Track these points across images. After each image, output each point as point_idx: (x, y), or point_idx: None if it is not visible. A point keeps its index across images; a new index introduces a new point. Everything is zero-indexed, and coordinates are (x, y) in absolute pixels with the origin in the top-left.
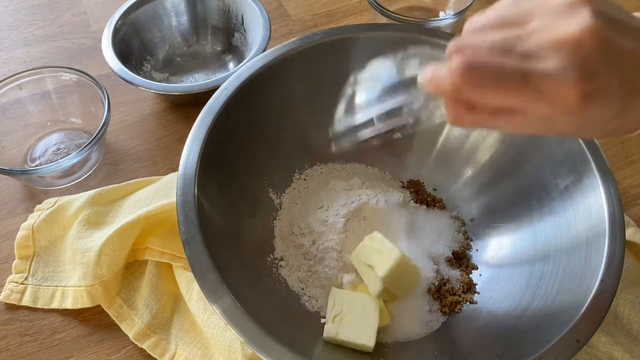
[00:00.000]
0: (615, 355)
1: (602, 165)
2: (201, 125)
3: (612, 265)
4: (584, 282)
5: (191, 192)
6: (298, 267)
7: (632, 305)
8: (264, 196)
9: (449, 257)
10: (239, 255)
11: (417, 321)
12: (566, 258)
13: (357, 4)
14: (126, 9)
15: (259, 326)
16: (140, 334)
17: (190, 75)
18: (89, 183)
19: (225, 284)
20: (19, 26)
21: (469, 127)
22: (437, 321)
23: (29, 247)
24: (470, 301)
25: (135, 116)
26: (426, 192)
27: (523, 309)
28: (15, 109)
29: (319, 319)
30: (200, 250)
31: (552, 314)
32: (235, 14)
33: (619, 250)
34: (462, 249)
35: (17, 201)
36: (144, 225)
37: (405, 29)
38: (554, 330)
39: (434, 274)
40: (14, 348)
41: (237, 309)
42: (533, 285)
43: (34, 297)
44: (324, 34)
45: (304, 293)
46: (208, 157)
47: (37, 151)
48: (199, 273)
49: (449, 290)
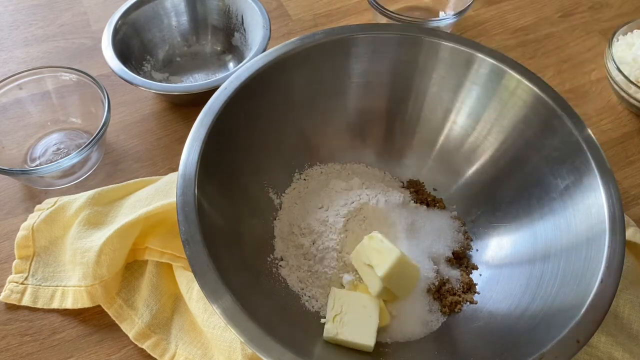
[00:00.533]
0: (615, 355)
1: (602, 165)
2: (201, 125)
3: (612, 265)
4: (584, 282)
5: (191, 192)
6: (298, 267)
7: (632, 305)
8: (264, 196)
9: (449, 257)
10: (239, 255)
11: (417, 321)
12: (566, 258)
13: (357, 4)
14: (126, 9)
15: (259, 326)
16: (140, 334)
17: (190, 75)
18: (89, 183)
19: (225, 284)
20: (19, 26)
21: None
22: (437, 321)
23: (29, 247)
24: (470, 301)
25: (135, 116)
26: (426, 192)
27: (523, 309)
28: (15, 109)
29: (319, 319)
30: (200, 250)
31: (552, 314)
32: (235, 14)
33: (619, 250)
34: (462, 249)
35: (17, 201)
36: (144, 225)
37: (405, 29)
38: (554, 330)
39: (434, 274)
40: (14, 348)
41: (237, 309)
42: (533, 285)
43: (34, 297)
44: (324, 34)
45: (304, 293)
46: (208, 157)
47: (37, 151)
48: (199, 273)
49: (449, 290)
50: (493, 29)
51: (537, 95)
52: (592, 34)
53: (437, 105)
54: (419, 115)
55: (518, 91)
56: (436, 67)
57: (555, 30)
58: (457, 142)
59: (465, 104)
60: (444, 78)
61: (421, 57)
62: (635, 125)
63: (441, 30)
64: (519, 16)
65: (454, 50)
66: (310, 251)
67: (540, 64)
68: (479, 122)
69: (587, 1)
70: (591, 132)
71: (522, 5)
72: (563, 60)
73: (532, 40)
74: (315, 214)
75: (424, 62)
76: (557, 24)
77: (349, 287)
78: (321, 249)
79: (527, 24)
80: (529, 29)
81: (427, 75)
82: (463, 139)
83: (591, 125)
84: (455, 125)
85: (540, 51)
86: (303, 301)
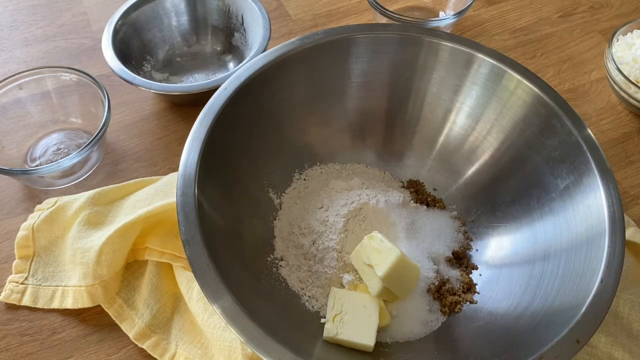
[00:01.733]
0: (615, 355)
1: (602, 165)
2: (201, 125)
3: (612, 265)
4: (584, 281)
5: (191, 192)
6: (298, 267)
7: (632, 305)
8: (264, 196)
9: (449, 257)
10: (239, 255)
11: (417, 321)
12: (566, 258)
13: (357, 4)
14: (126, 9)
15: (259, 326)
16: (140, 334)
17: (190, 75)
18: (89, 183)
19: (225, 284)
20: (19, 26)
21: None
22: (437, 321)
23: (29, 247)
24: (470, 301)
25: (135, 116)
26: (426, 192)
27: (523, 309)
28: (15, 109)
29: (319, 319)
30: (200, 251)
31: (552, 313)
32: (235, 14)
33: (619, 250)
34: (462, 249)
35: (17, 201)
36: (144, 225)
37: (405, 29)
38: (554, 330)
39: (434, 274)
40: (14, 348)
41: (237, 309)
42: (533, 285)
43: (34, 297)
44: (324, 34)
45: (304, 293)
46: (208, 157)
47: (37, 151)
48: (199, 273)
49: (449, 290)
50: (493, 29)
51: (537, 95)
52: (592, 34)
53: (437, 105)
54: (419, 115)
55: (518, 91)
56: (436, 67)
57: (555, 30)
58: (457, 142)
59: (465, 104)
60: (443, 78)
61: (421, 57)
62: (635, 125)
63: (441, 30)
64: (519, 16)
65: (453, 50)
66: (310, 251)
67: (540, 64)
68: (479, 122)
69: (587, 1)
70: (591, 132)
71: (522, 5)
72: (563, 60)
73: (532, 40)
74: (315, 214)
75: (424, 62)
76: (557, 24)
77: (348, 287)
78: (321, 249)
79: (527, 24)
80: (528, 29)
81: (427, 75)
82: (463, 139)
83: (591, 125)
84: (455, 125)
85: (540, 51)
86: (303, 301)
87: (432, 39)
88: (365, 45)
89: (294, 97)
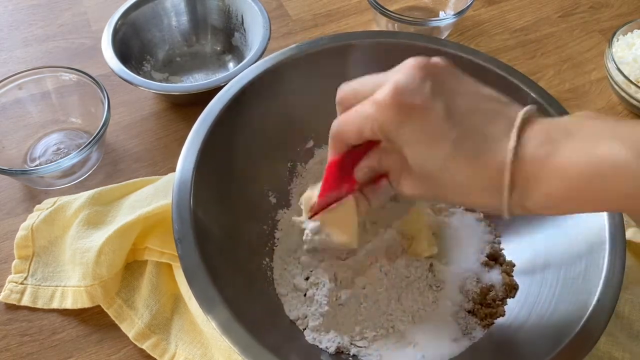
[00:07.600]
0: (615, 355)
1: None
2: (200, 128)
3: (611, 278)
4: (585, 289)
5: (187, 191)
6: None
7: (632, 305)
8: (263, 200)
9: (484, 260)
10: (234, 258)
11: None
12: (566, 267)
13: (357, 4)
14: (126, 9)
15: (250, 333)
16: (140, 334)
17: (190, 75)
18: (89, 183)
19: (217, 289)
20: (19, 26)
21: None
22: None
23: (29, 247)
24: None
25: (135, 116)
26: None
27: (522, 321)
28: (15, 109)
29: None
30: (192, 250)
31: (551, 325)
32: (235, 14)
33: (620, 251)
34: (495, 250)
35: (17, 201)
36: (144, 225)
37: (409, 37)
38: (554, 340)
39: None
40: (14, 348)
41: (230, 317)
42: (530, 301)
43: (33, 297)
44: (327, 40)
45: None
46: (206, 161)
47: (37, 151)
48: (189, 272)
49: (494, 298)
50: (493, 29)
51: (533, 100)
52: (592, 34)
53: None
54: None
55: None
56: None
57: (555, 30)
58: None
59: None
60: None
61: None
62: None
63: (446, 39)
64: (519, 16)
65: (455, 58)
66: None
67: (540, 64)
68: None
69: (587, 1)
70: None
71: (522, 5)
72: (563, 60)
73: (532, 40)
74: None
75: None
76: (557, 24)
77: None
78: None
79: (527, 24)
80: (528, 29)
81: None
82: None
83: None
84: None
85: (540, 51)
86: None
87: (437, 47)
88: (367, 51)
89: (294, 102)
